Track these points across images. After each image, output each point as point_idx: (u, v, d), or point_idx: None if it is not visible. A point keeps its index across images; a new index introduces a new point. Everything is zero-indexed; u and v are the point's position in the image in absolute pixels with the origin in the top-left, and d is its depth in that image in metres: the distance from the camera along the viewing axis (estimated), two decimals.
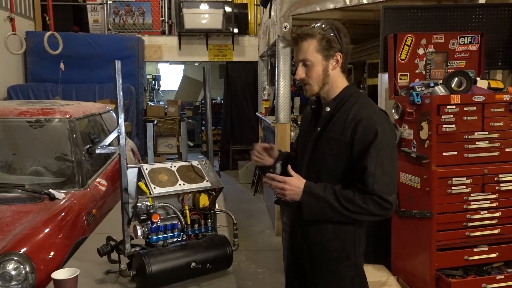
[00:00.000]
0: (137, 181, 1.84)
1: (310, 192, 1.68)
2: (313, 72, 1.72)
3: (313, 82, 1.73)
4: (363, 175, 1.62)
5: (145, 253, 1.73)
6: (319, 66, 1.71)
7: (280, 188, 1.70)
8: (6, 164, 3.14)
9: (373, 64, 6.16)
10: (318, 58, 1.70)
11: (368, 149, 1.62)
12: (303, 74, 1.74)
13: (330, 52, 1.70)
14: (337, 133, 1.69)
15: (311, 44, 1.70)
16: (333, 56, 1.71)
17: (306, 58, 1.71)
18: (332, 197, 1.64)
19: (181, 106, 9.52)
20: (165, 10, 8.43)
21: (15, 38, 5.12)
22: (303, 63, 1.73)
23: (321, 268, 1.79)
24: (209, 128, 2.34)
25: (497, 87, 3.08)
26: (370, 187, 1.60)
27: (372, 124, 1.64)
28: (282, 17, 4.49)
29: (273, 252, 4.57)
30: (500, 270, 2.95)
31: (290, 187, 1.69)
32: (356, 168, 1.65)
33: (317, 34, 1.69)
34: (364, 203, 1.61)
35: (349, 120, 1.68)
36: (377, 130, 1.63)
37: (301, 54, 1.72)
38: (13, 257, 2.22)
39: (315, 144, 1.76)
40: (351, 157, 1.67)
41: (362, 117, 1.66)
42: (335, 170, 1.71)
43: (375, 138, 1.62)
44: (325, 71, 1.72)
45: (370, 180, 1.61)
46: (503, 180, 2.88)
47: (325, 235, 1.76)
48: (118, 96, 1.72)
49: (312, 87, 1.74)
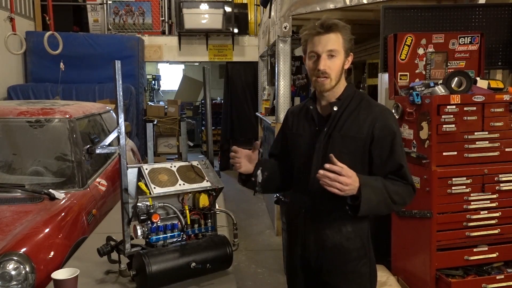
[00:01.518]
0: (137, 181, 1.84)
1: (368, 185, 1.58)
2: (336, 65, 1.71)
3: (333, 75, 1.71)
4: (400, 171, 1.70)
5: (145, 253, 1.73)
6: (341, 60, 1.72)
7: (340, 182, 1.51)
8: (6, 164, 3.14)
9: (373, 64, 6.17)
10: (342, 53, 1.72)
11: (393, 146, 1.70)
12: (326, 66, 1.70)
13: (349, 50, 1.74)
14: (351, 131, 1.71)
15: (340, 37, 1.70)
16: (349, 55, 1.75)
17: (335, 48, 1.69)
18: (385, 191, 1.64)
19: (181, 106, 9.51)
20: (165, 10, 8.43)
21: (15, 38, 5.11)
22: (330, 54, 1.69)
23: (341, 269, 1.77)
24: (209, 128, 2.34)
25: (497, 87, 3.08)
26: (410, 180, 1.71)
27: (388, 121, 1.72)
28: (282, 17, 4.49)
29: (273, 252, 4.57)
30: (500, 270, 2.95)
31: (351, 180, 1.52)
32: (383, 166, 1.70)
33: (346, 29, 1.72)
34: (405, 193, 1.70)
35: (361, 117, 1.71)
36: (393, 127, 1.72)
37: (329, 44, 1.68)
38: (13, 257, 2.22)
39: (326, 144, 1.74)
40: (369, 153, 1.71)
41: (377, 114, 1.72)
42: (351, 167, 1.67)
43: (395, 135, 1.71)
44: (343, 67, 1.74)
45: (408, 175, 1.71)
46: (503, 180, 2.89)
47: (344, 234, 1.75)
48: (118, 96, 1.72)
49: (331, 82, 1.71)
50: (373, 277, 1.82)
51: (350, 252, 1.76)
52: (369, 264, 1.80)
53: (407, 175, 1.71)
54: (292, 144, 1.90)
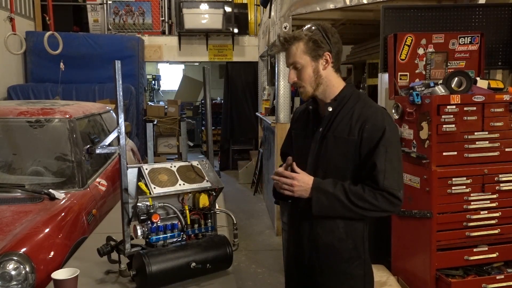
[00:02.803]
0: (137, 181, 1.84)
1: (319, 189, 1.67)
2: (304, 74, 1.72)
3: (306, 84, 1.74)
4: (373, 172, 1.64)
5: (145, 253, 1.73)
6: (309, 67, 1.72)
7: (289, 184, 1.68)
8: (6, 164, 3.14)
9: (373, 64, 6.16)
10: (306, 60, 1.71)
11: (376, 146, 1.65)
12: (295, 78, 1.75)
13: (319, 52, 1.71)
14: (344, 133, 1.70)
15: (299, 46, 1.71)
16: (322, 56, 1.72)
17: (295, 60, 1.72)
18: (342, 194, 1.65)
19: (181, 106, 9.52)
20: (165, 10, 8.43)
21: (15, 38, 5.11)
22: (294, 66, 1.74)
23: (333, 269, 1.77)
24: (209, 128, 2.34)
25: (497, 87, 3.08)
26: (381, 184, 1.63)
27: (379, 122, 1.68)
28: (282, 17, 4.49)
29: (273, 252, 4.58)
30: (500, 270, 2.95)
31: (299, 182, 1.67)
32: (364, 166, 1.67)
33: (303, 37, 1.70)
34: (374, 199, 1.64)
35: (354, 119, 1.70)
36: (385, 128, 1.66)
37: (290, 57, 1.73)
38: (13, 257, 2.22)
39: (320, 144, 1.75)
40: (359, 156, 1.69)
41: (368, 115, 1.69)
42: (342, 169, 1.71)
43: (383, 135, 1.65)
44: (316, 72, 1.72)
45: (380, 177, 1.63)
46: (503, 180, 2.88)
47: (336, 235, 1.74)
48: (118, 96, 1.72)
49: (306, 90, 1.75)
50: (367, 278, 1.80)
51: (342, 252, 1.75)
52: (363, 266, 1.78)
53: (378, 178, 1.63)
54: (294, 143, 1.94)
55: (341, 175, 1.71)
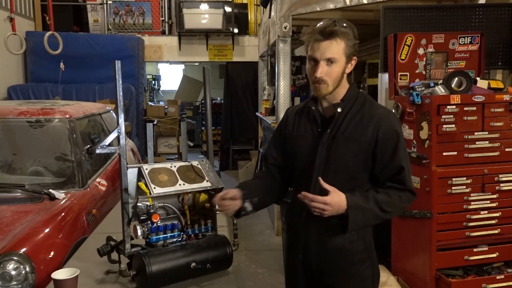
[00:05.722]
0: (137, 181, 1.84)
1: (356, 206, 1.64)
2: (334, 72, 1.67)
3: (330, 82, 1.68)
4: (400, 174, 1.69)
5: (145, 253, 1.73)
6: (341, 67, 1.67)
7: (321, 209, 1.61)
8: (6, 164, 3.14)
9: (373, 64, 6.17)
10: (342, 59, 1.67)
11: (396, 148, 1.69)
12: (323, 73, 1.66)
13: (352, 55, 1.69)
14: (356, 134, 1.69)
15: (341, 44, 1.65)
16: (351, 60, 1.70)
17: (333, 57, 1.64)
18: (376, 207, 1.66)
19: (181, 106, 9.51)
20: (165, 10, 8.43)
21: (15, 38, 5.11)
22: (328, 61, 1.66)
23: (345, 272, 1.75)
24: (209, 128, 2.34)
25: (497, 87, 3.08)
26: (408, 185, 1.70)
27: (392, 124, 1.71)
28: (282, 17, 4.49)
29: (273, 252, 4.57)
30: (500, 270, 2.95)
31: (332, 207, 1.61)
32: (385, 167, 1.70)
33: (349, 34, 1.66)
34: (399, 201, 1.70)
35: (366, 120, 1.69)
36: (397, 129, 1.71)
37: (329, 52, 1.64)
38: (13, 257, 2.22)
39: (329, 145, 1.71)
40: (372, 156, 1.69)
41: (380, 117, 1.70)
42: (354, 170, 1.70)
43: (399, 137, 1.70)
44: (343, 72, 1.70)
45: (407, 179, 1.70)
46: (503, 180, 2.89)
47: (348, 237, 1.72)
48: (118, 96, 1.72)
49: (328, 87, 1.68)
50: (375, 279, 1.82)
51: (353, 255, 1.74)
52: (372, 266, 1.79)
53: (405, 179, 1.70)
54: (292, 146, 1.84)
55: (352, 175, 1.71)
